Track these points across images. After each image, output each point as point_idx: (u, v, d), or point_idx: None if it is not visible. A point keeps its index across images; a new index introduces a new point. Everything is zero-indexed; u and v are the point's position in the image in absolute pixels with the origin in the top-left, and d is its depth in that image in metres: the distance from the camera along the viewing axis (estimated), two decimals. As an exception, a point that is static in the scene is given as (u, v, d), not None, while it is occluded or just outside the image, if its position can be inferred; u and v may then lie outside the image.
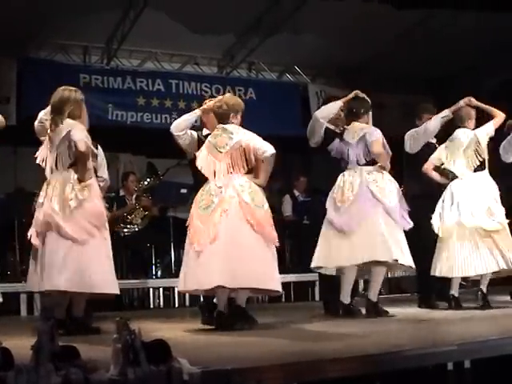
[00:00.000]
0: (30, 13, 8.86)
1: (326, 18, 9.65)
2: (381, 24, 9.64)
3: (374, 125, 6.54)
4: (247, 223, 5.37)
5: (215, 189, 5.46)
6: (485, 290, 6.55)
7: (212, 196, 5.44)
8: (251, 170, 5.58)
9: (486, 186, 6.67)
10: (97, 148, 5.71)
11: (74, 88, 5.57)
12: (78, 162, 5.34)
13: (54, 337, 2.77)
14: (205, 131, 6.08)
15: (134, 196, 9.62)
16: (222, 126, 5.68)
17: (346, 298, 6.18)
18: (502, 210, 6.59)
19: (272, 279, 5.47)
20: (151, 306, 9.40)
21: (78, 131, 5.33)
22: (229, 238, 5.32)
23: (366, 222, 6.13)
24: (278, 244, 5.54)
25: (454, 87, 11.39)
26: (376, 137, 6.26)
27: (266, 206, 5.54)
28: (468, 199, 6.57)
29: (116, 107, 10.56)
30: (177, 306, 9.38)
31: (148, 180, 9.87)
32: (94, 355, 2.93)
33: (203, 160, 5.59)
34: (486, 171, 6.72)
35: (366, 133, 6.29)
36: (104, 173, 5.91)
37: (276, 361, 3.35)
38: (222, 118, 5.72)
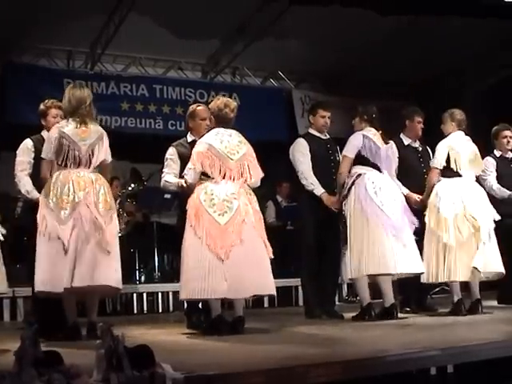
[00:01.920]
0: (14, 17, 8.81)
1: (310, 24, 9.68)
2: (364, 30, 9.69)
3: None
4: (259, 233, 5.37)
5: (227, 195, 5.27)
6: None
7: (226, 202, 5.24)
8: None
9: None
10: None
11: None
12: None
13: (37, 342, 2.76)
14: (189, 137, 6.06)
15: (118, 201, 9.57)
16: (230, 130, 5.53)
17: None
18: None
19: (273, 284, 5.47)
20: (135, 312, 9.35)
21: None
22: (250, 246, 5.24)
23: None
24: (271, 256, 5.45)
25: (437, 93, 11.47)
26: None
27: None
28: None
29: (100, 112, 10.39)
30: (160, 311, 9.36)
31: (132, 185, 9.84)
32: (77, 361, 2.92)
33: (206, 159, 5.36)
34: None
35: None
36: None
37: (259, 366, 3.34)
38: (225, 120, 5.56)
